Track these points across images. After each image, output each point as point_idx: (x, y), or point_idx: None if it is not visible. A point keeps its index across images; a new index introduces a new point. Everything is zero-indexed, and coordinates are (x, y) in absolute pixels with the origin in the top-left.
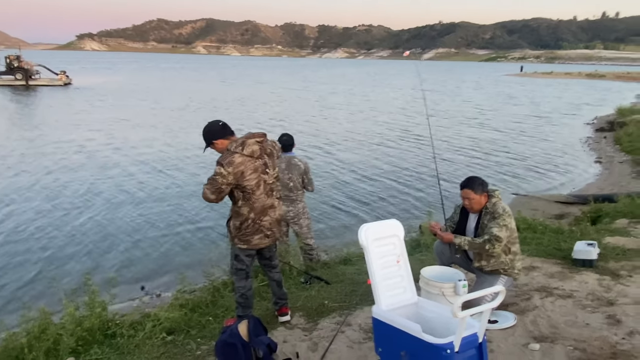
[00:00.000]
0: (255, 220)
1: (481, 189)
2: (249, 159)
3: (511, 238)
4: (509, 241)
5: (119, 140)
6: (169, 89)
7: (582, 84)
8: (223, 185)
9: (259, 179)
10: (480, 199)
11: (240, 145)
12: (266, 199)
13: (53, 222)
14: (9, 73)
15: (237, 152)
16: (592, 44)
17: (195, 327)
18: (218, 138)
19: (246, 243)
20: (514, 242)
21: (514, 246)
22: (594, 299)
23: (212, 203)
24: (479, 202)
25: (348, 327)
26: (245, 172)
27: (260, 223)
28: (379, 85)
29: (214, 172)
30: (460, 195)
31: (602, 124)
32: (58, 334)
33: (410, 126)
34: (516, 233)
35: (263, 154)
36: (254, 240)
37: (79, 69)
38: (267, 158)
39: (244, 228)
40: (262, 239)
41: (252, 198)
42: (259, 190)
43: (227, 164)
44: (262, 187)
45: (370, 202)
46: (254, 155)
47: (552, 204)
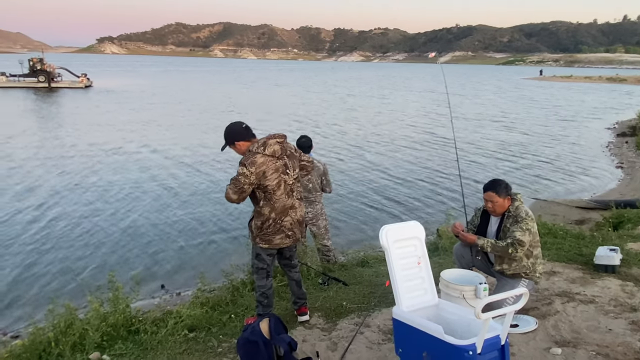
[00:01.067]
0: (277, 221)
1: (505, 192)
2: (270, 159)
3: (533, 242)
4: (531, 245)
5: (144, 141)
6: (192, 91)
7: (602, 88)
8: (245, 185)
9: (279, 179)
10: (504, 202)
11: (262, 146)
12: (287, 199)
13: (74, 222)
14: (32, 75)
15: (259, 152)
16: (612, 47)
17: (216, 325)
18: (240, 140)
19: (268, 243)
20: (535, 246)
21: (535, 250)
22: (617, 305)
23: (233, 204)
24: (502, 206)
25: (367, 328)
26: (267, 171)
27: (281, 223)
28: (398, 88)
29: (236, 173)
30: (483, 198)
31: (624, 128)
32: (84, 329)
33: (431, 128)
34: (538, 237)
35: (284, 155)
36: (275, 240)
37: (100, 72)
38: (287, 159)
39: (266, 228)
40: (284, 239)
41: (273, 198)
42: (279, 191)
43: (250, 164)
44: (283, 187)
45: (387, 205)
46: (275, 155)
47: (572, 209)
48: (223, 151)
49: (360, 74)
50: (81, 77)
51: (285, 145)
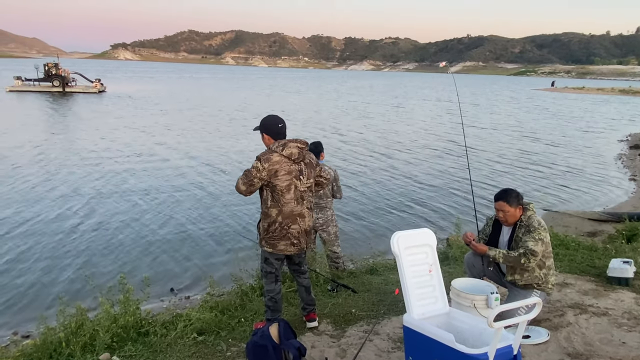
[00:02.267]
0: (283, 225)
1: (516, 202)
2: (285, 160)
3: (546, 252)
4: (543, 255)
5: (161, 145)
6: (209, 97)
7: (615, 100)
8: (255, 179)
9: (290, 182)
10: (515, 212)
11: (281, 146)
12: (295, 205)
13: (87, 226)
14: (47, 80)
15: (277, 152)
16: (625, 59)
17: (225, 329)
18: (268, 133)
19: (272, 247)
20: (548, 257)
21: (548, 260)
22: (631, 318)
23: (242, 195)
24: (514, 215)
25: (376, 336)
26: (279, 171)
27: (288, 229)
28: (411, 96)
29: (251, 166)
30: (495, 207)
31: (637, 140)
32: (94, 329)
33: (445, 136)
34: (550, 247)
35: (301, 160)
36: (279, 246)
37: (114, 77)
38: (304, 166)
39: (272, 231)
40: (288, 246)
41: (281, 200)
42: (288, 194)
43: (265, 159)
44: (293, 191)
45: (397, 213)
46: (291, 158)
47: (584, 221)
48: (253, 131)
49: (372, 83)
50: (95, 82)
51: (305, 152)
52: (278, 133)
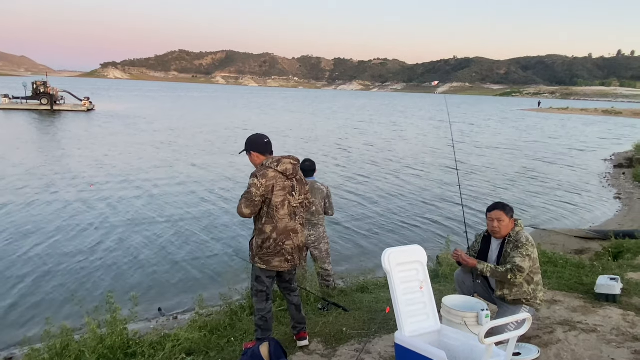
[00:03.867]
0: (278, 242)
1: (511, 214)
2: (280, 176)
3: (534, 268)
4: (531, 271)
5: (147, 162)
6: (204, 116)
7: (598, 120)
8: (257, 198)
9: (285, 198)
10: (509, 224)
11: (276, 162)
12: (289, 221)
13: (71, 243)
14: (35, 98)
15: (272, 168)
16: (608, 81)
17: (214, 349)
18: (257, 151)
19: (266, 264)
20: (536, 272)
21: (536, 276)
22: (619, 334)
23: (245, 218)
24: (507, 227)
25: (367, 355)
26: (275, 187)
27: (282, 245)
28: (405, 115)
29: (247, 186)
30: (489, 217)
31: (621, 160)
32: (80, 350)
33: (436, 155)
34: (538, 263)
35: (294, 177)
36: (274, 262)
37: (104, 96)
38: (297, 182)
39: (266, 248)
40: (283, 262)
41: (276, 216)
42: (283, 210)
43: (262, 175)
44: (287, 207)
45: (387, 231)
46: (286, 174)
47: (571, 239)
48: (239, 155)
49: (364, 102)
50: (84, 100)
51: (297, 168)
52: (265, 147)
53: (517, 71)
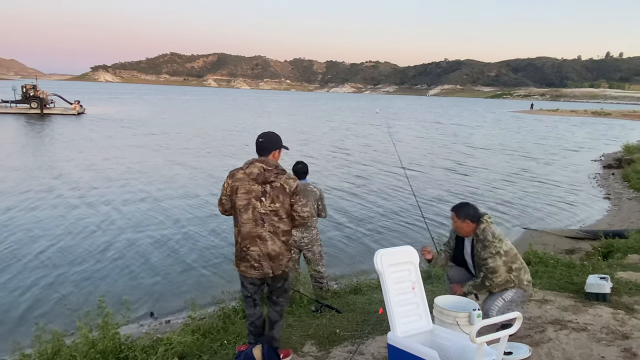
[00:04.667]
0: (242, 246)
1: (464, 216)
2: (247, 179)
3: (509, 258)
4: (506, 262)
5: (133, 165)
6: (201, 118)
7: (588, 122)
8: (223, 197)
9: (248, 202)
10: (462, 225)
11: (247, 164)
12: (254, 226)
13: (62, 247)
14: (25, 102)
15: (242, 169)
16: (597, 82)
17: (207, 352)
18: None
19: (237, 267)
20: (513, 261)
21: (514, 264)
22: (609, 333)
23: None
24: (461, 228)
25: (361, 356)
26: (239, 188)
27: (247, 251)
28: (399, 118)
29: None
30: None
31: (610, 160)
32: (72, 355)
33: (432, 156)
34: (515, 251)
35: (265, 182)
36: (241, 267)
37: (95, 99)
38: (271, 189)
39: (237, 251)
40: (249, 268)
41: (239, 220)
42: (246, 214)
43: (230, 175)
44: (251, 212)
45: (379, 234)
46: (251, 177)
47: (562, 239)
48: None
49: (358, 104)
50: (74, 104)
51: (272, 175)
52: (257, 147)
53: (508, 73)
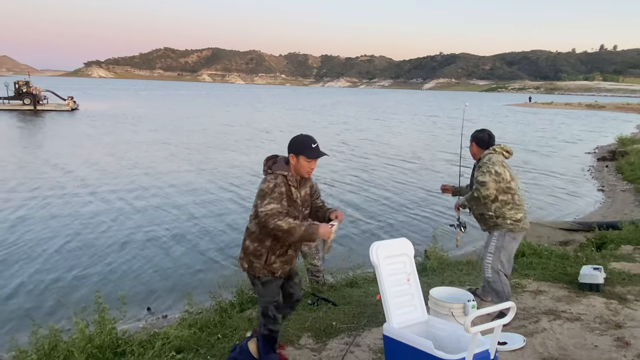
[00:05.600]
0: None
1: (473, 137)
2: None
3: (501, 186)
4: (497, 189)
5: (130, 161)
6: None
7: (582, 114)
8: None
9: None
10: (470, 146)
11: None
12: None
13: (58, 243)
14: (17, 98)
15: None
16: (591, 75)
17: (204, 346)
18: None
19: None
20: (503, 192)
21: (502, 196)
22: (602, 322)
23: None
24: (470, 149)
25: (357, 348)
26: None
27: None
28: (398, 112)
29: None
30: None
31: (604, 153)
32: (69, 350)
33: (429, 149)
34: (509, 184)
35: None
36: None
37: (90, 95)
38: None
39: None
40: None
41: None
42: None
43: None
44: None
45: (375, 226)
46: None
47: (556, 230)
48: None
49: (355, 99)
50: (67, 100)
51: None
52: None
53: (503, 66)
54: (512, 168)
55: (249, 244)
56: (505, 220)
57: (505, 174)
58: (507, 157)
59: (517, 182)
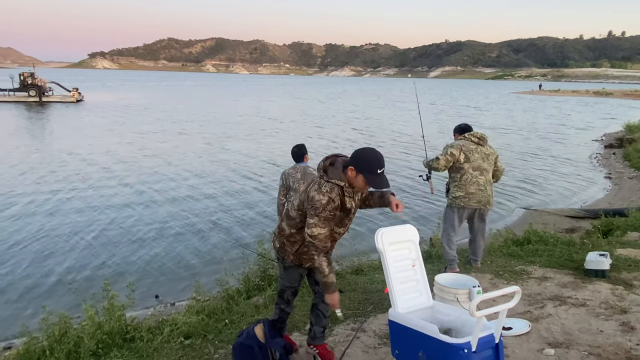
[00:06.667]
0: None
1: (454, 129)
2: None
3: (454, 166)
4: (450, 168)
5: (132, 151)
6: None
7: (589, 102)
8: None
9: None
10: (454, 136)
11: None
12: None
13: (68, 232)
14: (23, 90)
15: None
16: (598, 62)
17: (212, 332)
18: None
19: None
20: (455, 171)
21: (453, 173)
22: (608, 308)
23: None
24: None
25: (363, 333)
26: None
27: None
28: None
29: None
30: None
31: (611, 140)
32: (79, 337)
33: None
34: (462, 165)
35: None
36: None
37: (96, 87)
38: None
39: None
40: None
41: None
42: None
43: None
44: None
45: (380, 215)
46: None
47: (562, 218)
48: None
49: (362, 87)
50: (72, 91)
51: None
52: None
53: (509, 54)
54: (478, 153)
55: (285, 227)
56: (449, 194)
57: (459, 156)
58: (476, 142)
59: (475, 165)
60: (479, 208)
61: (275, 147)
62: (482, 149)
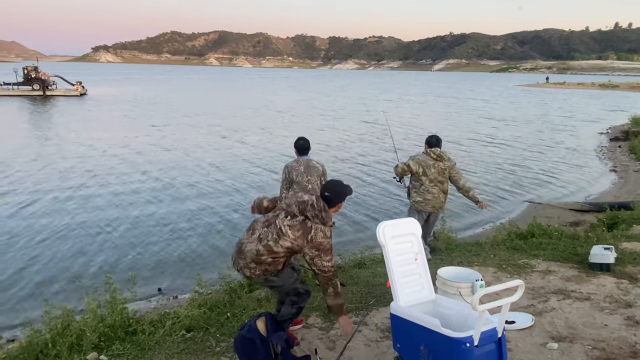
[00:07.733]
0: None
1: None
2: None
3: (413, 176)
4: (410, 176)
5: (135, 145)
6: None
7: (595, 94)
8: None
9: None
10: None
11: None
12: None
13: (69, 225)
14: (26, 84)
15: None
16: (604, 54)
17: (214, 325)
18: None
19: None
20: (414, 180)
21: (414, 181)
22: (612, 302)
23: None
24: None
25: (365, 327)
26: None
27: None
28: (412, 93)
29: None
30: None
31: (617, 133)
32: (81, 329)
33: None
34: (420, 177)
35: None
36: None
37: (100, 80)
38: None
39: None
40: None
41: None
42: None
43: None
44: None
45: (383, 206)
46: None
47: (567, 211)
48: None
49: (369, 80)
50: (76, 85)
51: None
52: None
53: (514, 46)
54: (435, 168)
55: (265, 259)
56: (410, 198)
57: (417, 168)
58: (434, 158)
59: (432, 178)
60: (433, 212)
61: (288, 140)
62: (440, 164)
